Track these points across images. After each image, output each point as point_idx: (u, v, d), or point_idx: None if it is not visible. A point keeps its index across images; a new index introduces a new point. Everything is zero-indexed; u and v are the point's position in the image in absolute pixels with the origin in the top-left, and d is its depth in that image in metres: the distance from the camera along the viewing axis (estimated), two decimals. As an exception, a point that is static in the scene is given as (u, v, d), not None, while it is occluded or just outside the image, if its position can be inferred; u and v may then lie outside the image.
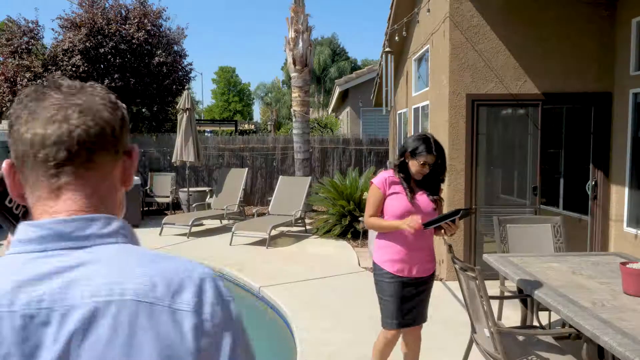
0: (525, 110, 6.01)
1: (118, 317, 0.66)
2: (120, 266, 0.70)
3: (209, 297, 0.71)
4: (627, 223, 5.63)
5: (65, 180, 0.75)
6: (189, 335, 0.67)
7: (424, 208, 3.09)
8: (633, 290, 2.86)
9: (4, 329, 0.64)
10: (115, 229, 0.76)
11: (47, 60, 11.73)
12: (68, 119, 0.74)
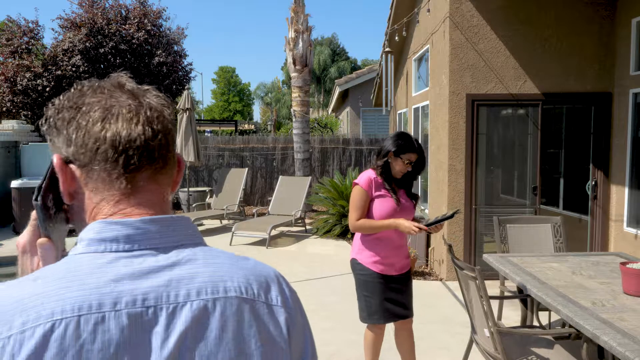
0: (525, 110, 6.01)
1: (225, 313, 0.67)
2: (216, 265, 0.71)
3: (287, 292, 0.76)
4: (627, 223, 5.64)
5: (142, 184, 0.73)
6: (284, 327, 0.71)
7: (407, 207, 3.16)
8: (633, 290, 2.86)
9: (111, 329, 0.61)
10: (195, 231, 0.75)
11: (47, 60, 11.73)
12: (151, 122, 0.73)
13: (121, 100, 0.75)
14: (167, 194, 0.76)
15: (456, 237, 5.91)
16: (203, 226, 9.78)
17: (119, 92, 0.78)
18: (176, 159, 0.79)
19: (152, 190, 0.74)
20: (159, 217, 0.71)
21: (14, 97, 11.69)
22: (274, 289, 0.74)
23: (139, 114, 0.73)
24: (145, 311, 0.63)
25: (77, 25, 12.22)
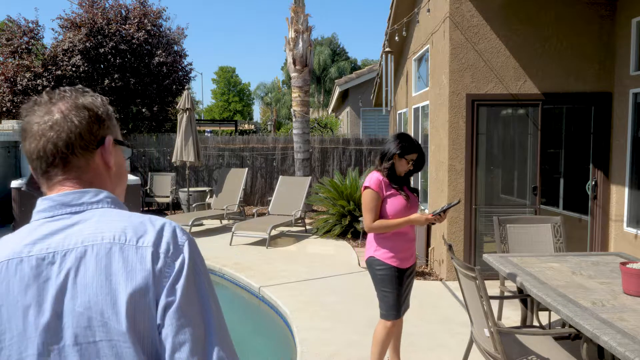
0: (525, 110, 6.01)
1: (99, 254, 0.94)
2: (102, 222, 0.98)
3: (166, 237, 0.98)
4: (627, 223, 5.63)
5: (57, 180, 1.03)
6: (148, 262, 0.94)
7: (414, 201, 3.41)
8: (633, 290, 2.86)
9: (24, 268, 0.94)
10: (102, 197, 1.03)
11: (47, 60, 11.73)
12: (43, 135, 1.01)
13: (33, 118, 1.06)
14: (88, 176, 1.05)
15: (456, 237, 5.91)
16: (203, 226, 9.78)
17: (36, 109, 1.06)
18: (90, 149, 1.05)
19: (67, 179, 1.03)
20: (71, 191, 1.02)
21: (14, 97, 11.69)
22: (150, 235, 0.97)
23: (38, 130, 1.04)
24: (47, 255, 0.94)
25: (77, 25, 12.22)
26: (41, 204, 1.02)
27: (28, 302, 0.92)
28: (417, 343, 4.22)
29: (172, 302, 0.93)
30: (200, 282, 0.97)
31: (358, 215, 8.42)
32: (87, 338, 0.91)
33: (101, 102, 1.09)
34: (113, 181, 1.10)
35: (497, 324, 2.88)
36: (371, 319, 4.79)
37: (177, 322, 0.92)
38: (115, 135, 1.11)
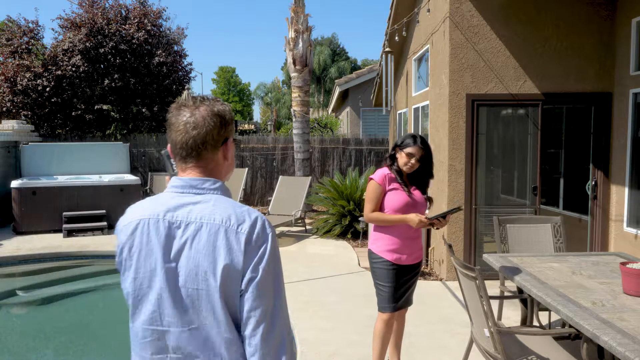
0: (525, 110, 6.01)
1: (210, 230, 1.30)
2: (216, 206, 1.34)
3: (257, 227, 1.32)
4: (627, 223, 5.63)
5: (189, 165, 1.39)
6: (242, 243, 1.29)
7: (419, 201, 3.38)
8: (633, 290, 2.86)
9: (160, 227, 1.33)
10: (218, 186, 1.40)
11: (47, 60, 11.72)
12: (186, 130, 1.36)
13: (181, 117, 1.42)
14: (211, 167, 1.40)
15: (456, 237, 5.91)
16: (203, 226, 9.78)
17: (183, 109, 1.42)
18: (218, 146, 1.41)
19: (197, 167, 1.39)
20: (197, 178, 1.38)
21: (14, 97, 11.68)
22: (246, 224, 1.31)
23: (185, 126, 1.40)
24: (176, 221, 1.33)
25: (77, 25, 12.22)
26: (175, 181, 1.39)
27: (159, 251, 1.32)
28: (417, 343, 4.22)
29: (254, 277, 1.28)
30: (276, 267, 1.32)
31: (358, 215, 8.42)
32: (192, 284, 1.30)
33: (228, 110, 1.44)
34: (227, 170, 1.48)
35: (497, 324, 2.88)
36: (371, 318, 4.78)
37: (256, 292, 1.28)
38: (232, 135, 1.47)
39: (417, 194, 3.39)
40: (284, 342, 1.30)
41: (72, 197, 9.27)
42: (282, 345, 1.29)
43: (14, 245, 8.07)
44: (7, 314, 5.85)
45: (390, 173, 3.36)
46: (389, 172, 3.36)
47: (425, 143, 3.35)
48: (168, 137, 1.41)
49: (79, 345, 4.79)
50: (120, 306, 6.17)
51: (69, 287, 6.86)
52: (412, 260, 3.39)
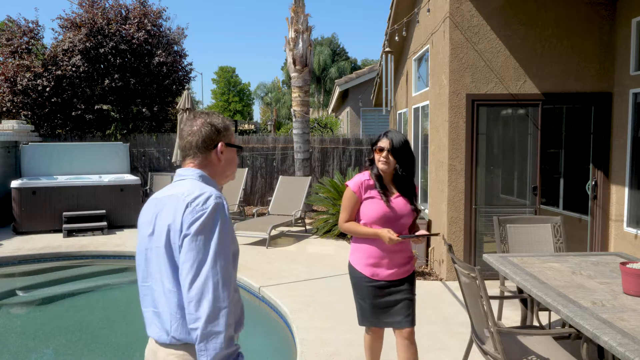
0: (525, 110, 6.01)
1: (171, 200, 1.66)
2: (185, 185, 1.69)
3: (201, 198, 1.61)
4: (627, 223, 5.63)
5: (187, 162, 1.80)
6: (183, 207, 1.61)
7: (400, 211, 3.03)
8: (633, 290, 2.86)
9: (152, 204, 1.74)
10: (195, 174, 1.75)
11: (47, 60, 11.72)
12: (184, 137, 1.79)
13: (183, 127, 1.86)
14: (205, 164, 1.79)
15: (456, 237, 5.91)
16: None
17: (185, 121, 1.87)
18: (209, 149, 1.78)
19: (192, 163, 1.79)
20: (187, 169, 1.77)
21: (14, 97, 11.68)
22: (193, 195, 1.63)
23: (182, 132, 1.83)
24: (162, 198, 1.72)
25: (77, 25, 12.22)
26: (177, 173, 1.79)
27: (147, 221, 1.72)
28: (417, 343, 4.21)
29: (187, 234, 1.57)
30: (208, 231, 1.57)
31: (358, 215, 8.41)
32: (155, 244, 1.66)
33: (221, 120, 1.81)
34: (221, 169, 1.81)
35: (497, 324, 2.88)
36: (371, 319, 4.79)
37: (187, 247, 1.57)
38: (227, 140, 1.81)
39: (400, 203, 3.03)
40: (211, 297, 1.50)
41: (72, 197, 9.27)
42: (207, 297, 1.50)
43: (14, 245, 8.07)
44: (7, 314, 5.85)
45: (368, 179, 3.05)
46: (367, 178, 3.06)
47: (397, 135, 3.01)
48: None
49: (79, 345, 4.79)
50: (120, 306, 6.19)
51: (69, 287, 6.86)
52: (394, 276, 3.04)
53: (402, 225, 3.04)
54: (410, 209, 3.05)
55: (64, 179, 9.70)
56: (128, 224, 9.54)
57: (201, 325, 1.49)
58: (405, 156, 3.01)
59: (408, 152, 3.02)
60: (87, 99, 12.05)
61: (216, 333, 1.49)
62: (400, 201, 3.04)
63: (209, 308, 1.50)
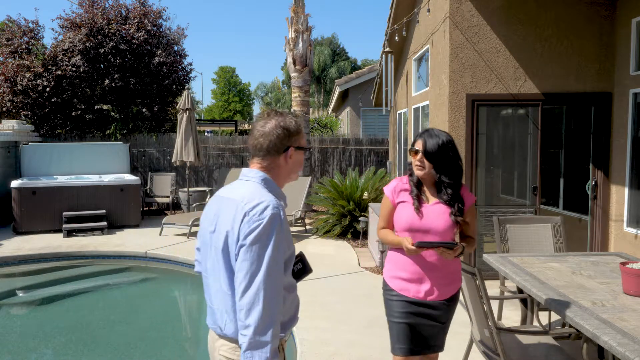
0: (525, 110, 6.01)
1: (231, 204, 1.72)
2: (245, 188, 1.75)
3: (258, 208, 1.66)
4: (627, 223, 5.63)
5: (254, 162, 1.83)
6: (241, 216, 1.66)
7: (432, 221, 2.58)
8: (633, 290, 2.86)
9: (215, 201, 1.84)
10: (258, 177, 1.79)
11: (47, 60, 11.72)
12: (255, 137, 1.81)
13: (254, 127, 1.88)
14: (272, 166, 1.82)
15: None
16: (203, 226, 9.77)
17: (257, 121, 1.87)
18: (278, 152, 1.81)
19: (258, 164, 1.83)
20: (252, 169, 1.82)
21: (14, 97, 11.68)
22: (251, 204, 1.67)
23: (252, 133, 1.84)
24: (223, 198, 1.81)
25: (77, 25, 12.21)
26: (242, 172, 1.84)
27: (210, 218, 1.81)
28: (417, 343, 4.21)
29: (243, 244, 1.63)
30: (263, 243, 1.62)
31: (358, 215, 8.41)
32: (215, 244, 1.75)
33: (294, 123, 1.81)
34: (286, 171, 1.84)
35: (497, 324, 2.88)
36: (371, 319, 4.79)
37: (242, 256, 1.63)
38: (297, 144, 1.83)
39: (435, 212, 2.59)
40: (261, 307, 1.57)
41: (72, 197, 9.27)
42: (257, 307, 1.57)
43: (14, 245, 8.07)
44: (7, 314, 5.85)
45: (405, 182, 2.70)
46: (404, 181, 2.71)
47: (433, 136, 2.59)
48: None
49: (79, 345, 4.79)
50: (120, 306, 6.18)
51: (69, 287, 6.86)
52: (431, 296, 2.58)
53: (436, 239, 2.57)
54: (448, 220, 2.57)
55: (64, 179, 9.70)
56: (128, 224, 9.53)
57: (250, 334, 1.57)
58: (444, 160, 2.57)
59: (447, 155, 2.57)
60: (87, 99, 12.04)
61: (264, 343, 1.56)
62: (437, 209, 2.60)
63: (258, 318, 1.56)
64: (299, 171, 1.91)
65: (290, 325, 1.83)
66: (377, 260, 6.71)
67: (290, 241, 1.76)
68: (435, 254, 2.57)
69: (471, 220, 2.69)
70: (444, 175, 2.59)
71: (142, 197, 10.87)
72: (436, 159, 2.57)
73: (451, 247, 2.44)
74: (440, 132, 2.62)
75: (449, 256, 2.47)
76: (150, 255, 7.51)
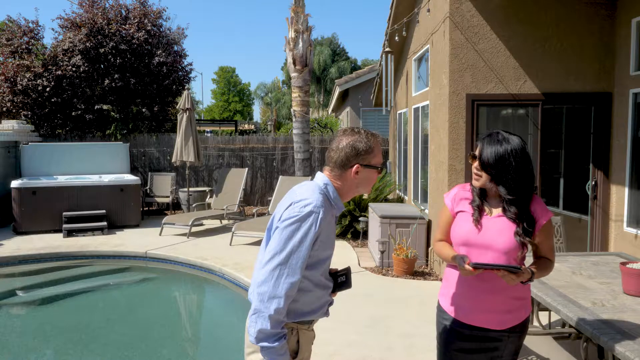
0: (525, 110, 6.01)
1: (289, 195, 1.97)
2: (306, 186, 1.96)
3: (298, 204, 1.86)
4: (627, 223, 5.63)
5: (326, 168, 2.03)
6: (284, 208, 1.90)
7: (493, 236, 2.16)
8: (633, 290, 2.86)
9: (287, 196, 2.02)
10: (321, 184, 1.98)
11: (47, 60, 11.72)
12: (331, 149, 2.02)
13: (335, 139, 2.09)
14: (341, 177, 1.99)
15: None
16: (203, 226, 9.78)
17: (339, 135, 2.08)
18: (347, 166, 1.99)
19: (329, 173, 2.03)
20: (320, 176, 2.03)
21: (14, 97, 11.68)
22: (296, 199, 1.88)
23: (331, 146, 2.05)
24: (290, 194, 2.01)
25: (77, 25, 12.22)
26: (316, 173, 2.05)
27: None
28: (418, 344, 4.22)
29: (278, 227, 1.86)
30: (292, 231, 1.82)
31: (358, 215, 8.41)
32: (269, 224, 1.99)
33: (365, 143, 1.97)
34: (354, 185, 2.01)
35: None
36: (371, 319, 4.79)
37: (275, 236, 1.86)
38: (366, 162, 1.98)
39: (498, 226, 2.16)
40: (272, 283, 1.78)
41: (72, 197, 9.28)
42: (269, 282, 1.79)
43: (14, 245, 8.07)
44: (7, 314, 5.85)
45: (467, 189, 2.31)
46: (468, 188, 2.32)
47: (494, 142, 2.20)
48: None
49: (79, 345, 4.79)
50: (120, 306, 6.18)
51: (69, 287, 6.86)
52: (483, 322, 2.17)
53: (496, 258, 2.13)
54: (512, 239, 2.12)
55: (64, 179, 9.70)
56: (128, 224, 9.54)
57: (257, 301, 1.80)
58: (504, 172, 2.17)
59: (509, 167, 2.18)
60: (87, 99, 12.04)
61: (266, 313, 1.77)
62: (500, 224, 2.17)
63: (268, 292, 1.78)
64: (368, 188, 2.08)
65: (309, 316, 1.97)
66: (377, 260, 6.71)
67: (328, 244, 1.95)
68: (494, 277, 2.12)
69: (545, 240, 2.22)
70: (505, 188, 2.17)
71: (142, 197, 10.87)
72: (494, 170, 2.17)
73: (514, 272, 2.02)
74: (507, 136, 2.22)
75: (512, 281, 2.04)
76: (150, 255, 7.51)
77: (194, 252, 7.54)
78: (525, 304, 2.22)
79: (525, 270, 2.06)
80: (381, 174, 1.80)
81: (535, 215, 2.18)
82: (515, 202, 2.17)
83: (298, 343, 1.96)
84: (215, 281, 6.69)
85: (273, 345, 1.79)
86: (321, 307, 2.03)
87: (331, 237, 1.98)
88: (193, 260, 7.14)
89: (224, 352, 4.75)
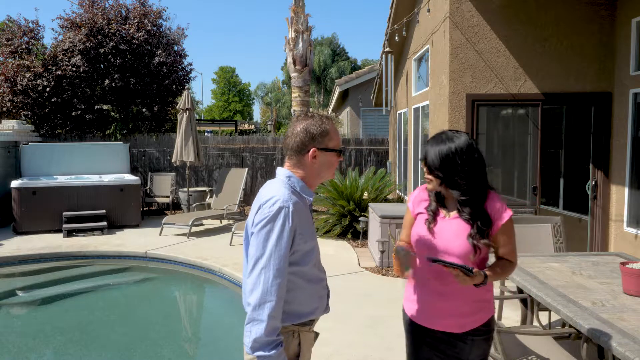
0: (525, 110, 6.01)
1: (256, 201, 1.91)
2: (272, 186, 1.91)
3: (269, 203, 1.82)
4: (627, 223, 5.63)
5: (286, 161, 1.98)
6: (256, 208, 1.87)
7: (449, 240, 2.10)
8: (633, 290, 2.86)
9: None
10: (284, 176, 1.94)
11: (47, 60, 11.72)
12: (287, 136, 1.97)
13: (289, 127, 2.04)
14: (300, 164, 1.95)
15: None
16: (203, 226, 9.78)
17: (293, 121, 2.02)
18: (304, 151, 1.92)
19: (288, 162, 1.97)
20: (282, 169, 1.98)
21: (14, 97, 11.68)
22: (265, 199, 1.84)
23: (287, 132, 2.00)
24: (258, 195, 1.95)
25: (77, 25, 12.21)
26: (276, 171, 1.99)
27: None
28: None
29: (253, 232, 1.84)
30: (267, 232, 1.79)
31: (358, 216, 8.41)
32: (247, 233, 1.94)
33: (319, 126, 1.92)
34: (315, 171, 1.95)
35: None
36: (371, 319, 4.79)
37: (252, 243, 1.83)
38: (323, 145, 1.92)
39: (452, 229, 2.11)
40: (260, 289, 1.75)
41: (72, 197, 9.27)
42: (258, 289, 1.76)
43: (14, 245, 8.07)
44: (7, 314, 5.85)
45: (430, 191, 2.22)
46: (428, 188, 2.21)
47: (437, 143, 2.10)
48: None
49: (79, 345, 4.79)
50: (120, 306, 6.18)
51: (69, 287, 6.86)
52: (443, 326, 2.12)
53: (454, 262, 2.03)
54: (465, 242, 2.06)
55: (64, 179, 9.70)
56: (128, 224, 9.53)
57: (250, 311, 1.77)
58: (451, 173, 2.06)
59: (456, 167, 2.05)
60: (87, 99, 12.04)
61: (260, 320, 1.73)
62: (455, 227, 2.11)
63: (258, 298, 1.75)
64: (331, 173, 2.00)
65: (310, 316, 1.95)
66: (377, 260, 6.71)
67: (308, 235, 1.91)
68: (447, 279, 2.07)
69: (504, 241, 2.12)
70: (455, 190, 2.08)
71: (142, 197, 10.87)
72: (441, 172, 2.07)
73: (467, 273, 1.94)
74: (452, 135, 2.11)
75: (463, 282, 1.96)
76: (150, 255, 7.51)
77: (194, 252, 7.54)
78: (485, 307, 2.15)
79: (478, 273, 1.97)
80: (341, 158, 1.58)
81: (492, 214, 2.09)
82: (468, 202, 2.09)
83: (299, 346, 1.93)
84: (215, 281, 6.69)
85: (269, 354, 1.72)
86: (320, 303, 2.01)
87: (310, 227, 1.93)
88: (193, 260, 7.14)
89: (223, 352, 4.75)
